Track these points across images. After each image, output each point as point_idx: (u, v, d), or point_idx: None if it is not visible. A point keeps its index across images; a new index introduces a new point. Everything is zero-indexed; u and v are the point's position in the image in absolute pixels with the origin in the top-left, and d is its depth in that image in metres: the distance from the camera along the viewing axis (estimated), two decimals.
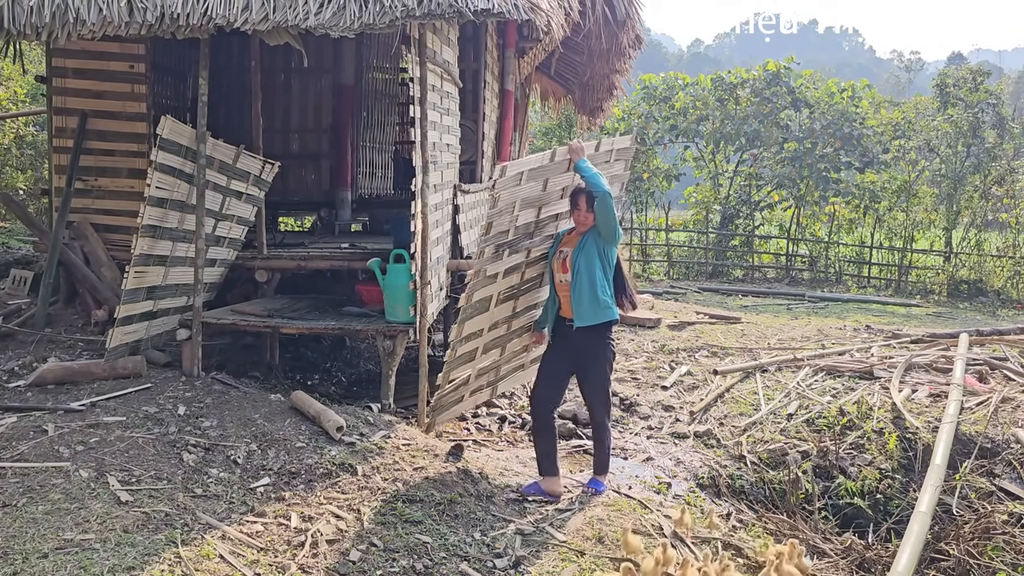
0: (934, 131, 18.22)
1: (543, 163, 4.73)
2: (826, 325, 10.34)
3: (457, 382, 5.16)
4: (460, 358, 5.00)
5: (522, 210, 4.75)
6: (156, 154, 5.65)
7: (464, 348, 4.97)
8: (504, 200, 4.58)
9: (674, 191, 21.27)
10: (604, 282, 4.73)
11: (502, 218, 4.65)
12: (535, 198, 4.81)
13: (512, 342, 5.34)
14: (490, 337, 5.13)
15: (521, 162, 4.76)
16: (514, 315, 5.18)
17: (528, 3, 5.63)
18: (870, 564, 4.59)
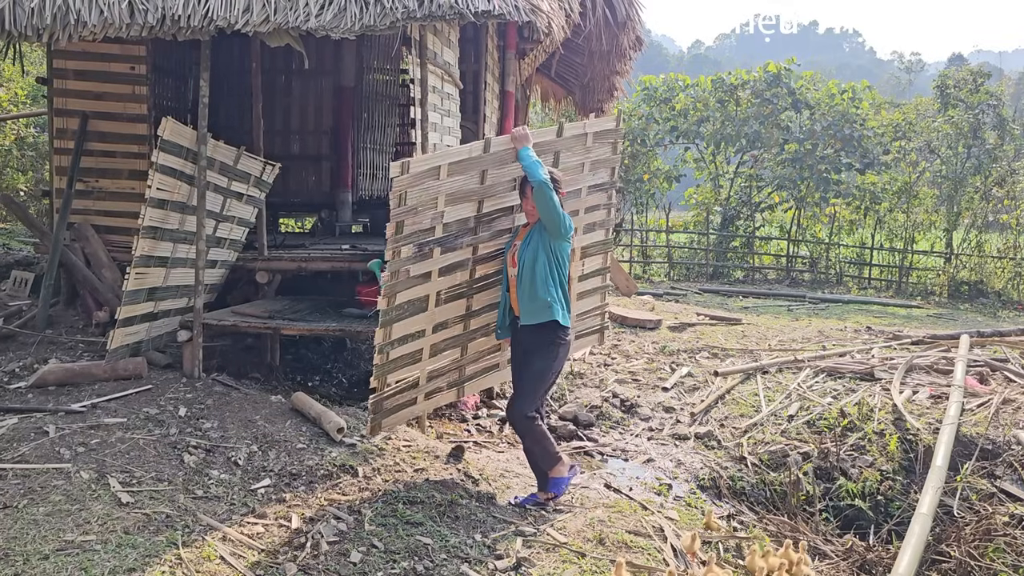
0: (935, 132, 18.22)
1: (471, 155, 4.50)
2: (827, 326, 10.34)
3: (403, 384, 4.80)
4: (397, 361, 4.66)
5: (452, 205, 4.51)
6: (157, 155, 5.65)
7: (401, 350, 4.65)
8: (415, 197, 4.36)
9: (674, 192, 21.27)
10: (548, 280, 4.44)
11: (419, 215, 4.41)
12: (471, 191, 4.57)
13: (477, 341, 5.00)
14: (440, 338, 4.82)
15: (436, 155, 4.57)
16: (471, 314, 4.89)
17: (529, 4, 5.63)
18: (871, 566, 4.59)
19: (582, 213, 5.22)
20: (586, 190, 5.22)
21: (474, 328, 4.95)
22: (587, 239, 5.38)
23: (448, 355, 4.92)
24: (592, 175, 5.22)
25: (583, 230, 5.27)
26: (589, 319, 5.65)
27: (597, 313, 5.70)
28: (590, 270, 5.50)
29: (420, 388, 4.87)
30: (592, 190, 5.26)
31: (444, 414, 6.61)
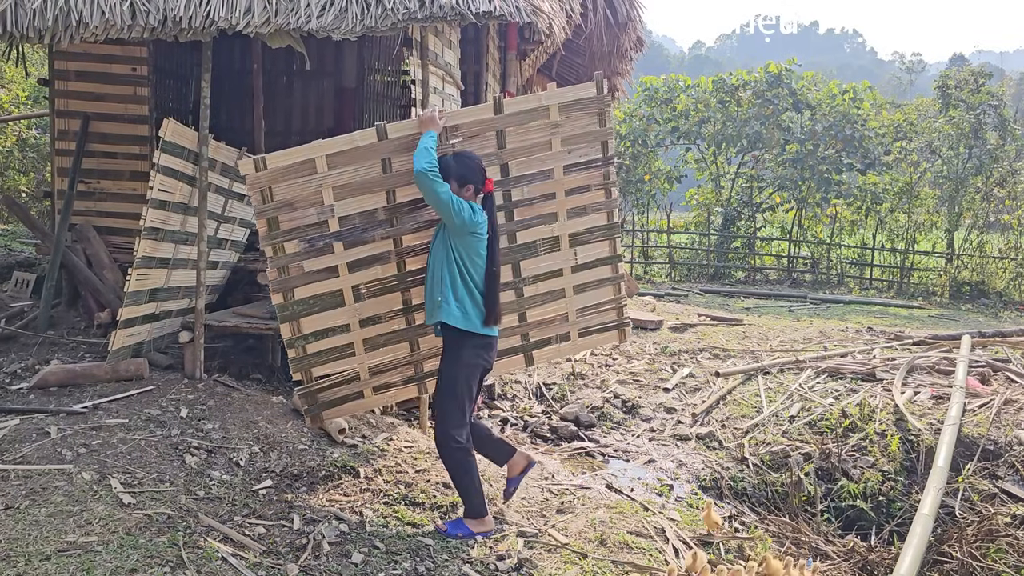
0: (936, 133, 18.22)
1: (356, 144, 4.29)
2: (828, 327, 10.34)
3: (341, 378, 4.68)
4: (320, 355, 4.58)
5: (347, 197, 4.33)
6: (158, 156, 5.65)
7: (322, 345, 4.56)
8: (288, 193, 4.24)
9: (675, 193, 21.29)
10: (444, 278, 4.08)
11: (299, 211, 4.29)
12: (371, 182, 4.34)
13: (429, 336, 4.63)
14: (374, 332, 4.61)
15: (307, 148, 4.31)
16: (413, 308, 4.61)
17: (530, 5, 5.63)
18: (873, 566, 4.59)
19: (561, 196, 4.67)
20: (561, 171, 4.63)
21: (421, 323, 4.63)
22: (575, 225, 4.77)
23: (394, 350, 4.68)
24: (568, 153, 4.62)
25: (567, 215, 4.72)
26: (595, 315, 4.99)
27: (609, 308, 5.00)
28: (587, 259, 4.86)
29: (364, 382, 4.72)
30: (572, 170, 4.65)
31: None
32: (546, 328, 4.90)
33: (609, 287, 4.98)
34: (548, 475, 5.20)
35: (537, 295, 4.82)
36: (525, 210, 4.67)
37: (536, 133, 4.54)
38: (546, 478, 5.14)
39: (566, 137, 4.60)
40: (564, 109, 4.54)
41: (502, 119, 4.47)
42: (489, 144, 4.46)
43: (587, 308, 4.98)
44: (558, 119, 4.55)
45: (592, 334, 5.06)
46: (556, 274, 4.82)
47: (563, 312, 4.89)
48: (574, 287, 4.88)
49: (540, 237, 4.74)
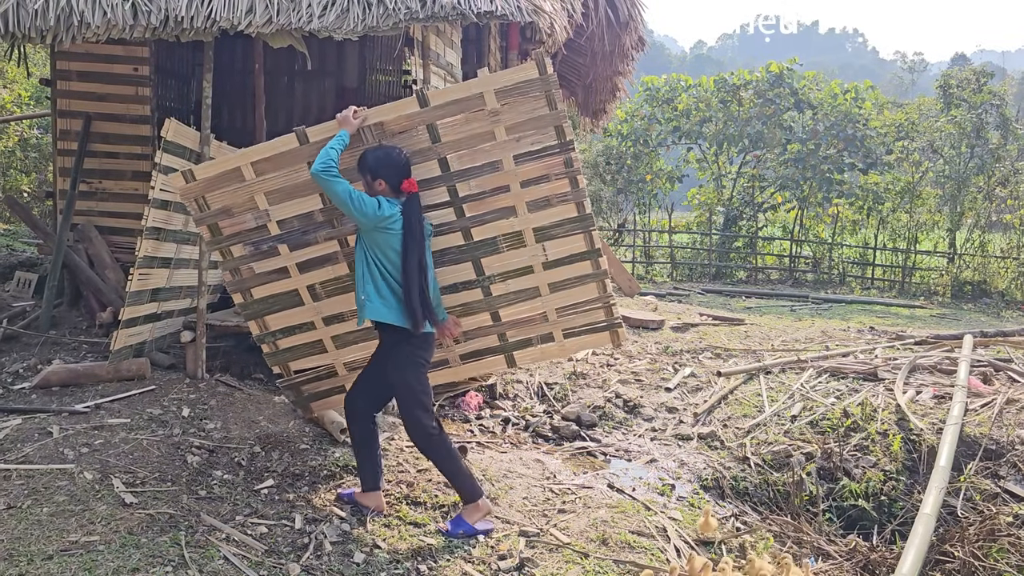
0: (937, 132, 18.22)
1: (279, 150, 4.27)
2: (830, 326, 10.33)
3: (321, 372, 4.76)
4: (293, 350, 4.68)
5: (282, 202, 4.33)
6: (160, 156, 5.66)
7: (292, 341, 4.67)
8: (223, 200, 4.31)
9: (677, 193, 21.29)
10: (366, 275, 4.04)
11: (238, 217, 4.35)
12: (303, 185, 4.31)
13: None
14: (342, 330, 4.65)
15: (233, 157, 4.35)
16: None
17: (531, 5, 5.64)
18: (874, 566, 4.59)
19: (516, 188, 4.36)
20: (511, 161, 4.31)
21: None
22: (539, 219, 4.43)
23: (366, 347, 4.65)
24: (516, 142, 4.27)
25: (528, 208, 4.40)
26: (579, 315, 4.66)
27: (595, 307, 4.64)
28: (560, 255, 4.51)
29: (344, 376, 4.77)
30: (525, 159, 4.31)
31: (447, 415, 6.61)
32: (525, 328, 4.69)
33: (591, 284, 4.60)
34: (550, 475, 5.20)
35: (508, 293, 4.60)
36: (476, 205, 4.41)
37: (474, 123, 4.24)
38: (547, 477, 5.14)
39: (510, 125, 4.25)
40: (502, 95, 4.19)
41: (430, 112, 4.22)
42: (421, 139, 4.27)
43: (568, 307, 4.66)
44: (497, 106, 4.21)
45: (580, 335, 4.75)
46: (526, 271, 4.54)
47: (541, 311, 4.64)
48: (549, 285, 4.58)
49: (500, 233, 4.46)
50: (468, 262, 4.52)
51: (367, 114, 4.24)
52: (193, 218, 4.46)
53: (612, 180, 20.29)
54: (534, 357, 4.87)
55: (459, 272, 4.54)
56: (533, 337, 4.70)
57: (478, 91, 4.19)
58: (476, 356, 4.75)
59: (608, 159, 20.31)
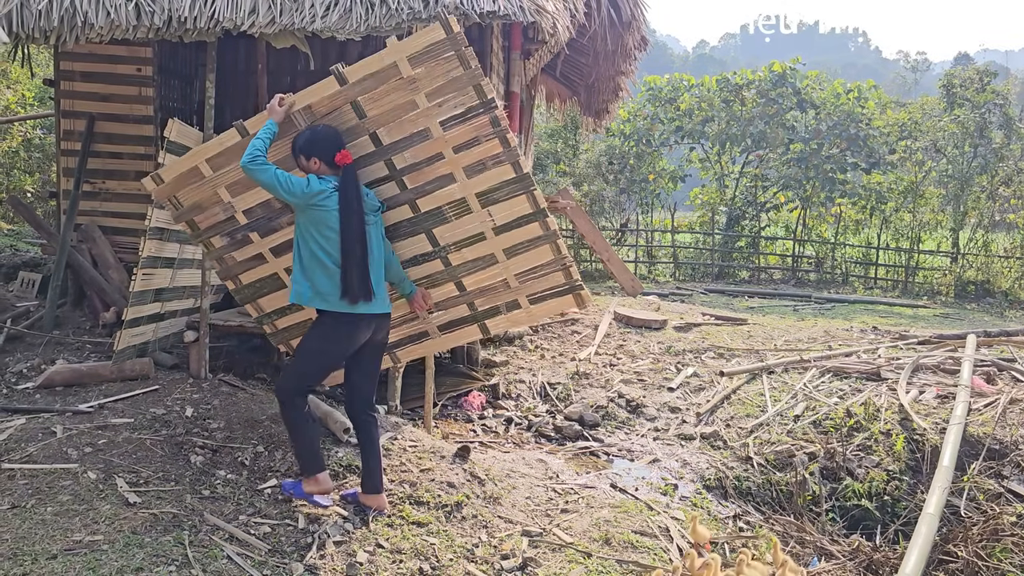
0: (941, 132, 18.18)
1: (227, 144, 4.34)
2: (832, 326, 10.32)
3: None
4: (291, 329, 4.89)
5: (242, 193, 4.44)
6: (163, 157, 5.67)
7: (288, 320, 4.86)
8: (192, 197, 4.50)
9: (680, 192, 21.27)
10: (296, 256, 4.09)
11: (208, 211, 4.52)
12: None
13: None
14: None
15: (188, 156, 4.46)
16: None
17: (534, 5, 5.64)
18: (878, 566, 4.59)
19: (450, 155, 4.30)
20: (438, 127, 4.24)
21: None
22: (479, 183, 4.35)
23: None
24: (439, 107, 4.20)
25: (466, 174, 4.33)
26: (540, 279, 4.55)
27: (553, 270, 4.53)
28: (507, 219, 4.42)
29: None
30: (452, 124, 4.23)
31: (450, 414, 6.62)
32: (490, 296, 4.67)
33: (545, 247, 4.49)
34: (552, 474, 5.21)
35: (466, 262, 4.58)
36: (416, 176, 4.38)
37: (394, 94, 4.20)
38: (550, 477, 5.15)
39: (430, 91, 4.18)
40: (416, 61, 4.12)
41: (350, 88, 4.22)
42: (349, 117, 4.27)
43: (526, 273, 4.57)
44: (412, 73, 4.14)
45: (544, 300, 4.65)
46: (479, 238, 4.49)
47: (502, 278, 4.60)
48: (504, 250, 4.52)
49: (444, 202, 4.42)
50: (422, 234, 4.54)
51: (293, 99, 4.25)
52: (172, 217, 4.67)
53: (615, 180, 20.28)
54: (504, 324, 4.85)
55: (416, 245, 4.57)
56: (500, 305, 4.70)
57: (391, 60, 4.14)
58: (452, 327, 4.80)
59: (611, 159, 20.30)
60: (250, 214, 4.55)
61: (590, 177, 20.19)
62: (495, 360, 7.74)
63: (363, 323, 4.09)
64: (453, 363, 7.46)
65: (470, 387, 7.05)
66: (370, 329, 4.14)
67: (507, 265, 4.55)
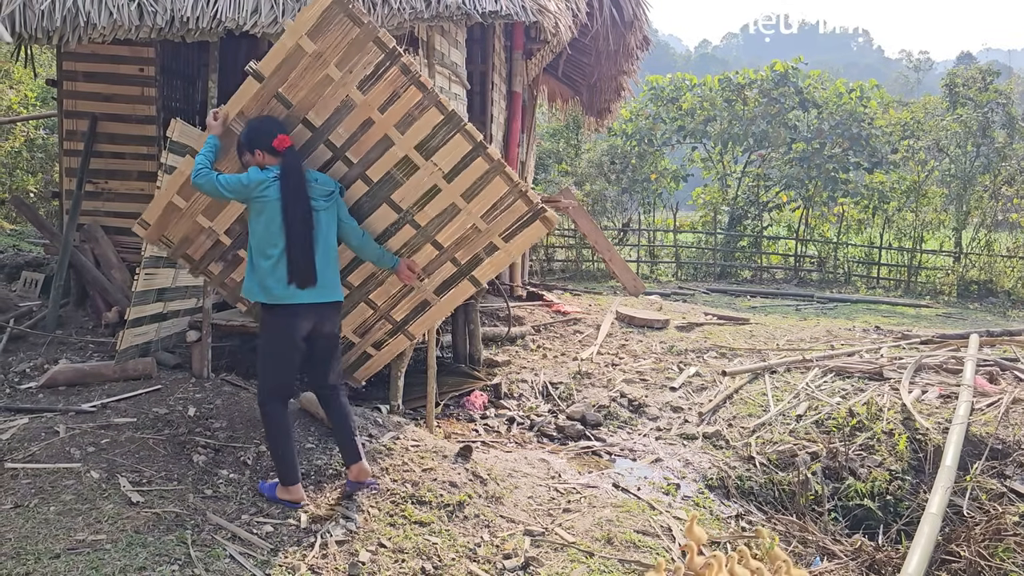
0: (943, 131, 18.16)
1: (186, 171, 4.47)
2: (835, 326, 10.32)
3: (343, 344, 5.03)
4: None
5: (218, 215, 4.66)
6: (166, 157, 5.67)
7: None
8: (179, 232, 4.73)
9: (682, 192, 21.26)
10: (248, 253, 4.19)
11: (197, 241, 4.75)
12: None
13: (376, 292, 4.90)
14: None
15: (159, 197, 4.70)
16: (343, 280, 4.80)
17: (536, 5, 5.64)
18: (880, 566, 4.58)
19: (377, 116, 4.41)
20: (359, 93, 4.36)
21: (359, 284, 4.89)
22: (413, 136, 4.45)
23: (360, 313, 4.96)
24: (351, 73, 4.31)
25: (399, 130, 4.44)
26: (503, 215, 4.63)
27: (512, 201, 4.59)
28: (452, 163, 4.50)
29: (360, 344, 5.06)
30: (368, 85, 4.35)
31: (452, 414, 6.62)
32: (468, 246, 4.72)
33: (496, 180, 4.55)
34: (554, 474, 5.21)
35: (433, 219, 4.65)
36: (356, 148, 4.48)
37: (308, 74, 4.30)
38: (552, 477, 5.14)
39: (338, 60, 4.29)
40: (314, 35, 4.23)
41: (269, 82, 4.30)
42: (279, 110, 4.37)
43: (490, 211, 4.63)
44: (316, 48, 4.26)
45: (517, 234, 4.70)
46: (435, 192, 4.57)
47: (471, 225, 4.65)
48: (462, 196, 4.58)
49: (391, 165, 4.53)
50: (383, 204, 4.62)
51: (226, 110, 4.34)
52: (168, 256, 4.88)
53: (617, 179, 20.28)
54: (491, 270, 4.88)
55: (382, 217, 4.64)
56: (479, 252, 4.76)
57: (293, 42, 4.24)
58: (445, 288, 4.86)
59: (613, 158, 20.30)
60: (231, 233, 4.69)
61: (592, 177, 20.19)
62: (497, 360, 7.74)
63: (301, 312, 4.11)
64: (455, 363, 7.47)
65: (472, 387, 7.05)
66: (312, 320, 4.17)
67: (469, 210, 4.62)
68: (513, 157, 9.91)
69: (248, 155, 4.18)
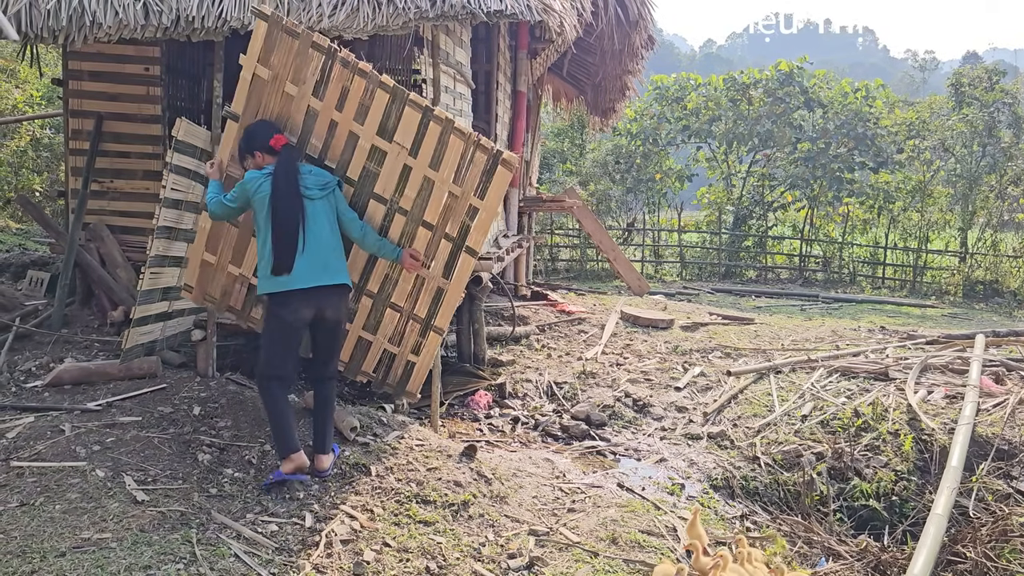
0: (949, 131, 18.11)
1: (207, 225, 4.89)
2: (840, 326, 10.29)
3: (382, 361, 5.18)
4: (354, 353, 5.25)
5: (242, 260, 4.94)
6: (171, 156, 5.67)
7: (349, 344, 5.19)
8: (218, 289, 5.02)
9: (686, 192, 21.25)
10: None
11: (232, 294, 5.00)
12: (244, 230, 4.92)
13: (395, 295, 4.99)
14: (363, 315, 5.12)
15: (192, 255, 5.05)
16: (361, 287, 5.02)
17: (541, 4, 5.64)
18: (886, 566, 4.57)
19: (339, 116, 4.66)
20: (316, 101, 4.65)
21: (378, 290, 5.01)
22: (371, 124, 4.66)
23: (389, 320, 5.06)
24: (304, 84, 4.62)
25: (360, 123, 4.69)
26: (469, 172, 4.74)
27: (472, 153, 4.70)
28: (412, 137, 4.67)
29: (400, 354, 5.12)
30: (320, 91, 4.68)
31: (456, 414, 6.62)
32: (452, 216, 4.80)
33: (453, 139, 4.67)
34: (559, 474, 5.20)
35: (414, 199, 4.77)
36: (331, 154, 4.71)
37: (272, 99, 4.64)
38: (557, 477, 5.14)
39: (292, 77, 4.59)
40: (265, 60, 4.57)
41: (244, 118, 4.65)
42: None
43: (457, 172, 4.73)
44: (271, 72, 4.59)
45: (485, 187, 4.77)
46: (407, 172, 4.72)
47: (446, 192, 4.74)
48: (428, 167, 4.71)
49: (363, 160, 4.71)
50: (370, 200, 4.79)
51: (219, 157, 4.72)
52: (217, 311, 5.15)
53: (622, 179, 20.27)
54: (479, 235, 4.92)
55: (373, 214, 4.79)
56: (463, 219, 4.83)
57: (251, 74, 4.58)
58: (449, 268, 4.94)
59: (617, 158, 20.28)
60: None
61: (597, 176, 20.18)
62: (502, 359, 7.74)
63: (296, 299, 4.25)
64: (460, 362, 7.47)
65: (477, 386, 7.05)
66: (312, 306, 4.30)
67: (440, 176, 4.74)
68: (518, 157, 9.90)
69: (249, 159, 4.46)
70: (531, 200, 11.39)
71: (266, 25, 4.51)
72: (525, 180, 11.36)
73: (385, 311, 5.02)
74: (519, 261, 10.93)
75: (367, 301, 4.98)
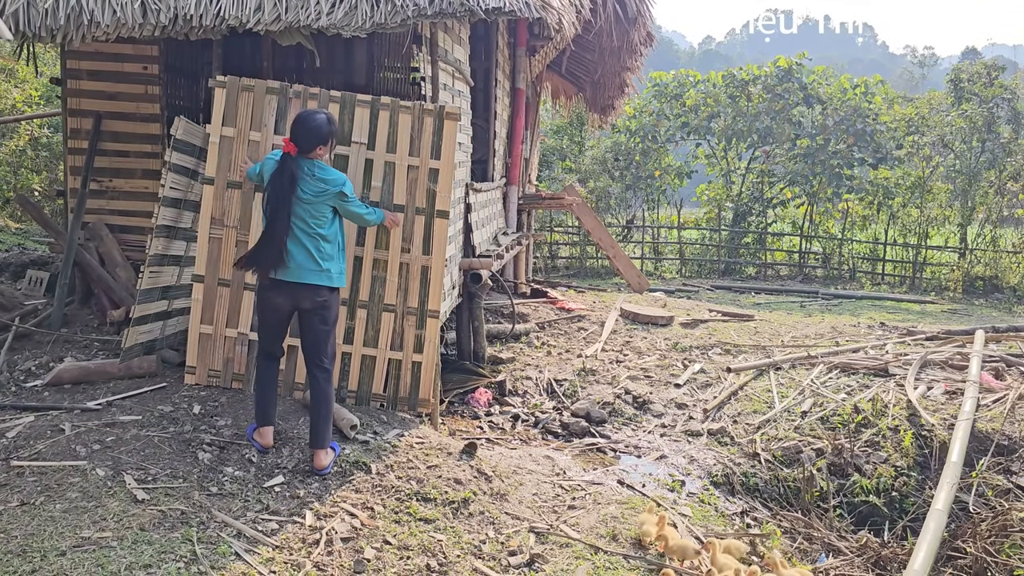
0: (948, 127, 18.10)
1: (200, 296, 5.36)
2: (840, 322, 10.30)
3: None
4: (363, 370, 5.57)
5: (239, 315, 5.38)
6: (170, 155, 5.68)
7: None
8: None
9: (686, 189, 21.23)
10: None
11: (233, 357, 5.38)
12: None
13: (386, 293, 5.33)
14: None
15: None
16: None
17: (539, 1, 5.63)
18: (886, 562, 4.58)
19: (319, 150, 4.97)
20: (277, 139, 5.15)
21: (369, 296, 5.32)
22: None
23: (385, 324, 5.34)
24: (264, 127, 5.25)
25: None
26: (420, 139, 5.32)
27: (419, 119, 5.29)
28: (367, 132, 5.30)
29: (405, 356, 5.38)
30: (278, 126, 5.28)
31: (456, 411, 6.62)
32: (419, 189, 5.27)
33: (402, 117, 5.23)
34: (559, 471, 5.21)
35: (381, 190, 5.25)
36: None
37: (241, 151, 5.22)
38: (557, 474, 5.15)
39: (252, 125, 5.22)
40: (229, 120, 5.22)
41: (218, 180, 5.22)
42: (235, 196, 5.27)
43: (410, 144, 5.27)
44: (234, 129, 5.22)
45: (440, 146, 5.28)
46: (369, 167, 5.23)
47: (406, 167, 5.25)
48: (385, 151, 5.23)
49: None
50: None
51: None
52: (222, 386, 5.39)
53: (621, 176, 20.25)
54: (445, 194, 5.32)
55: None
56: (428, 187, 5.26)
57: (217, 137, 5.22)
58: (428, 240, 5.30)
59: (617, 155, 20.26)
60: (254, 326, 5.13)
61: (596, 173, 20.16)
62: (501, 357, 7.74)
63: (272, 288, 4.51)
64: (460, 360, 7.47)
65: (477, 384, 7.05)
66: (288, 297, 4.53)
67: (398, 156, 5.23)
68: (517, 154, 9.90)
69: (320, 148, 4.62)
70: (530, 198, 11.38)
71: (224, 91, 5.13)
72: (524, 178, 11.35)
73: (380, 315, 5.26)
74: (519, 259, 10.93)
75: (362, 313, 5.27)
